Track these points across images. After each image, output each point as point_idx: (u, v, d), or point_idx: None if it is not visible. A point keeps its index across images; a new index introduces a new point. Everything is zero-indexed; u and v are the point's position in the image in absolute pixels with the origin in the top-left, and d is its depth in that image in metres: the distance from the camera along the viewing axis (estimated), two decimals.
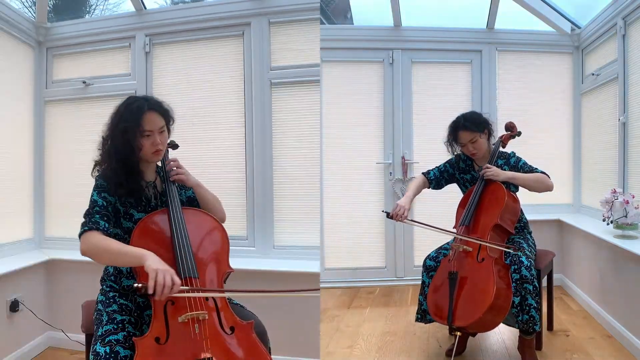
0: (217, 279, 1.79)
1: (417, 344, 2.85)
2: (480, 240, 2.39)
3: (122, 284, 1.84)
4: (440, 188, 2.83)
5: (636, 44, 3.16)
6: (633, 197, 2.90)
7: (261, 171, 3.08)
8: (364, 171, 4.05)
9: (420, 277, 2.63)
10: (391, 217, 2.52)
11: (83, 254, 1.67)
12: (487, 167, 2.55)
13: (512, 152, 2.68)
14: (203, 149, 3.14)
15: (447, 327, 2.52)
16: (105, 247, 1.64)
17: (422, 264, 2.65)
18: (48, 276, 3.12)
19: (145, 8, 3.31)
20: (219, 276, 1.80)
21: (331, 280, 4.00)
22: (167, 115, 1.89)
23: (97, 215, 1.72)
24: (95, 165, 1.87)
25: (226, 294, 1.77)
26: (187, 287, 1.60)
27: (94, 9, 4.24)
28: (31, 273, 3.00)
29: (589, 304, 3.28)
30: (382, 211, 2.60)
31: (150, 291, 1.48)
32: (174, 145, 2.18)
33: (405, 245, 4.06)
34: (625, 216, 2.88)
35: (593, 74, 3.75)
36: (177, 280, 1.52)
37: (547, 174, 2.53)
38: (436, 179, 2.78)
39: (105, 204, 1.76)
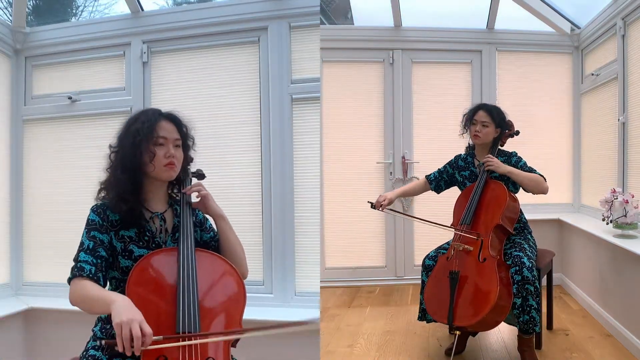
0: (222, 341, 1.50)
1: (417, 342, 2.86)
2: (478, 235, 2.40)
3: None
4: (440, 191, 2.86)
5: (636, 44, 3.17)
6: (632, 197, 2.91)
7: (280, 203, 2.69)
8: (364, 171, 4.05)
9: (420, 277, 2.65)
10: (374, 207, 2.63)
11: (71, 304, 1.49)
12: (489, 158, 2.58)
13: (514, 152, 2.70)
14: (210, 177, 2.65)
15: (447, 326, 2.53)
16: (84, 294, 1.43)
17: (421, 263, 2.66)
18: (27, 328, 2.77)
19: (142, 10, 2.92)
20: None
21: (331, 280, 4.01)
22: (183, 131, 1.68)
23: (82, 260, 1.51)
24: (100, 189, 1.64)
25: (213, 338, 1.47)
26: (160, 337, 1.33)
27: (82, 11, 3.76)
28: (7, 324, 2.65)
29: (589, 303, 3.28)
30: (368, 202, 2.67)
31: (120, 349, 1.25)
32: (200, 175, 1.87)
33: (405, 244, 4.07)
34: (625, 216, 2.89)
35: (593, 74, 3.76)
36: (147, 329, 1.28)
37: (544, 177, 2.56)
38: (435, 180, 2.84)
39: (93, 244, 1.53)
